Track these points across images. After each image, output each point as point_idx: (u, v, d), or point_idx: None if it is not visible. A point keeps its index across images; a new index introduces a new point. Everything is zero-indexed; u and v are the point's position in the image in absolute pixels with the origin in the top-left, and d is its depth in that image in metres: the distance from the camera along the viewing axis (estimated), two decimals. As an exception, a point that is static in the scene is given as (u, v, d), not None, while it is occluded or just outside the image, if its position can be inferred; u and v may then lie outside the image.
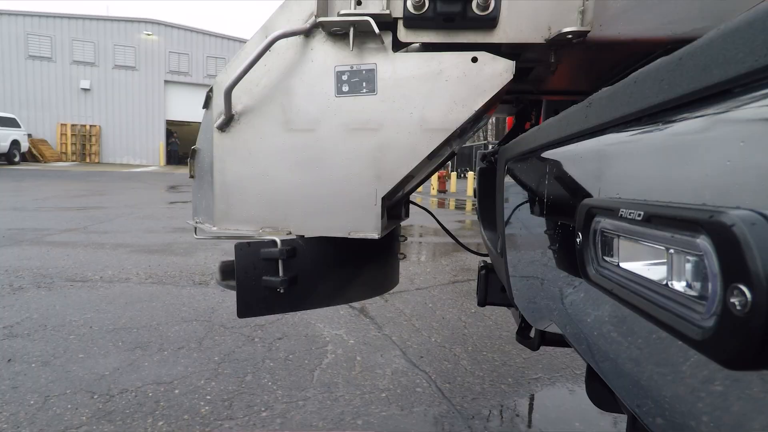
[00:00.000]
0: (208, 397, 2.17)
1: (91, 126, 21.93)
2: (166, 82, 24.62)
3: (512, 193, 1.04)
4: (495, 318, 3.28)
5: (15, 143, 17.31)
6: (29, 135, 19.42)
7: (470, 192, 13.17)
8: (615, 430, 1.99)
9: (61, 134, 21.36)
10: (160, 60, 24.02)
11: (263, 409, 2.08)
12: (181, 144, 27.12)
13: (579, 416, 2.07)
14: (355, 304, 3.42)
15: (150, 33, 23.19)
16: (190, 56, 25.15)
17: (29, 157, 19.53)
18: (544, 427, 2.00)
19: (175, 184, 14.30)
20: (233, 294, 1.13)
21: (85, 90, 22.08)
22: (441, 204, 10.51)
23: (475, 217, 8.22)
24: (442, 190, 14.20)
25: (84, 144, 21.82)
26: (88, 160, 21.88)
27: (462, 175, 21.74)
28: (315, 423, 1.98)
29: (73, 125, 21.59)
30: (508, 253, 1.06)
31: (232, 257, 1.14)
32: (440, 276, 4.44)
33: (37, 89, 21.31)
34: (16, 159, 17.50)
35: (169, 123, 25.40)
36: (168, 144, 25.69)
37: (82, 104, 22.16)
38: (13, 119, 17.77)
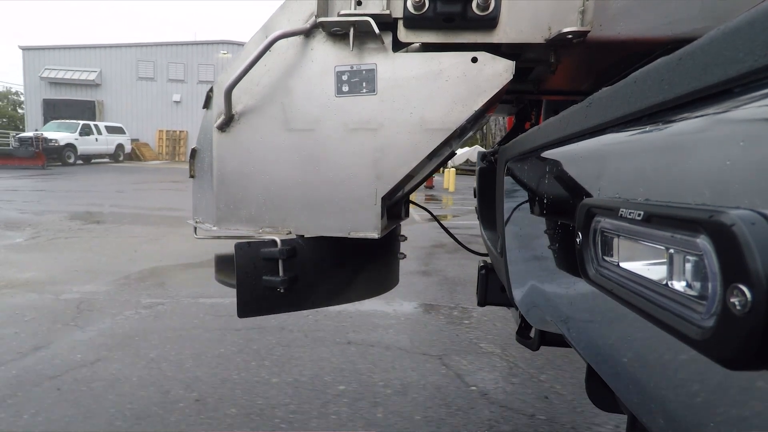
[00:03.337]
0: None
1: (180, 131, 27.55)
2: (236, 92, 29.13)
3: (512, 192, 1.04)
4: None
5: (120, 146, 22.95)
6: (136, 140, 25.38)
7: (446, 185, 13.53)
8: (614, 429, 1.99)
9: (159, 139, 27.35)
10: (232, 74, 28.77)
11: None
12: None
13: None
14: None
15: (225, 52, 27.84)
16: (256, 69, 29.45)
17: (134, 156, 24.92)
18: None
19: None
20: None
21: (177, 102, 27.93)
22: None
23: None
24: (429, 186, 14.30)
25: (174, 146, 27.56)
26: (177, 159, 27.30)
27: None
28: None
29: (167, 131, 27.42)
30: (508, 253, 1.06)
31: (225, 250, 1.14)
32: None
33: (142, 103, 27.67)
34: (120, 158, 23.09)
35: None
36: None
37: (174, 114, 27.92)
38: (120, 127, 23.41)
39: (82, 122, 20.81)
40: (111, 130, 22.48)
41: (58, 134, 19.36)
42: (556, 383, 2.29)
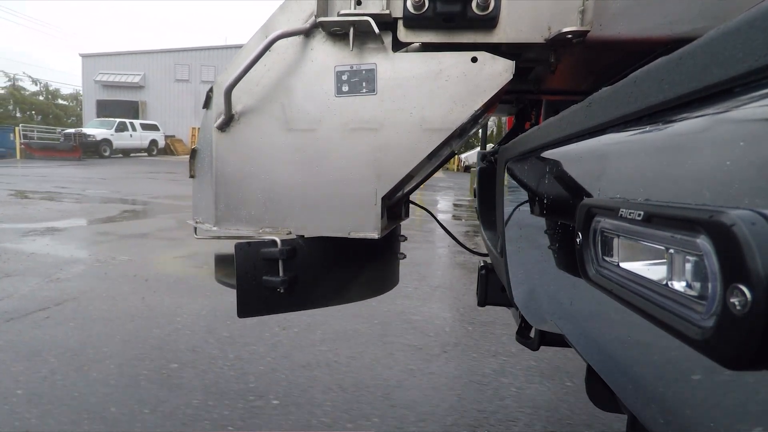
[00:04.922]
0: None
1: (210, 129, 30.58)
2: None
3: (512, 193, 1.04)
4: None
5: (153, 142, 25.60)
6: (171, 136, 28.06)
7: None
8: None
9: (192, 135, 28.92)
10: (256, 76, 30.89)
11: None
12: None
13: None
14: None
15: (250, 56, 32.53)
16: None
17: (168, 151, 27.14)
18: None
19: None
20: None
21: (208, 102, 29.79)
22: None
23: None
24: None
25: (204, 142, 30.69)
26: (209, 153, 32.46)
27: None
28: None
29: (199, 128, 29.02)
30: (508, 253, 1.06)
31: (226, 250, 1.14)
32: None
33: (178, 103, 30.57)
34: (154, 153, 25.67)
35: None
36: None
37: (207, 113, 30.50)
38: (155, 125, 26.11)
39: (118, 120, 23.51)
40: (146, 127, 25.26)
41: (96, 130, 22.15)
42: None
